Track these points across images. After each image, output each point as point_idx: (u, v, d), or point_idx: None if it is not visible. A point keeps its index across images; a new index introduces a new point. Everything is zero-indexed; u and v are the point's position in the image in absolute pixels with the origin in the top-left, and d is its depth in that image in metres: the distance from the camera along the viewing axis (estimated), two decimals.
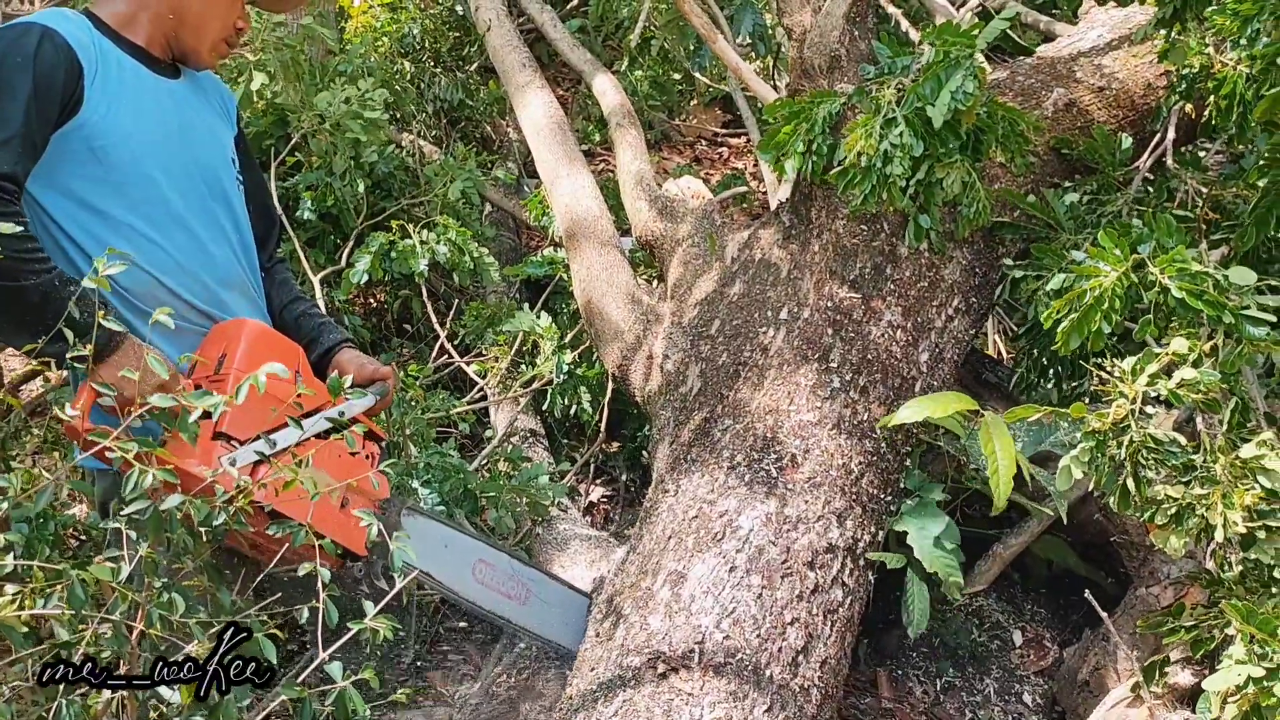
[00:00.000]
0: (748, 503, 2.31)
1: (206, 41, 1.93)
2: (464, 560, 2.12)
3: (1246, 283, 1.77)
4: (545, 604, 2.24)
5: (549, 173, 3.42)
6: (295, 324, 2.17)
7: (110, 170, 1.78)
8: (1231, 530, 1.69)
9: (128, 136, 1.80)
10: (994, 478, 2.02)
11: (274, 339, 1.90)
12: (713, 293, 2.80)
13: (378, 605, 1.30)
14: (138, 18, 1.87)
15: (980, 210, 2.52)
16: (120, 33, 1.86)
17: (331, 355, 2.13)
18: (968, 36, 2.42)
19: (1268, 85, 2.05)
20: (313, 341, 2.14)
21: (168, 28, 1.88)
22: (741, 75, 3.10)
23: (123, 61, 1.84)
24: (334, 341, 2.15)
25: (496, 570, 2.16)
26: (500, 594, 2.15)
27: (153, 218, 1.85)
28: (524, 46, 3.99)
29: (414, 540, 1.97)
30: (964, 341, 2.74)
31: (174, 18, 1.87)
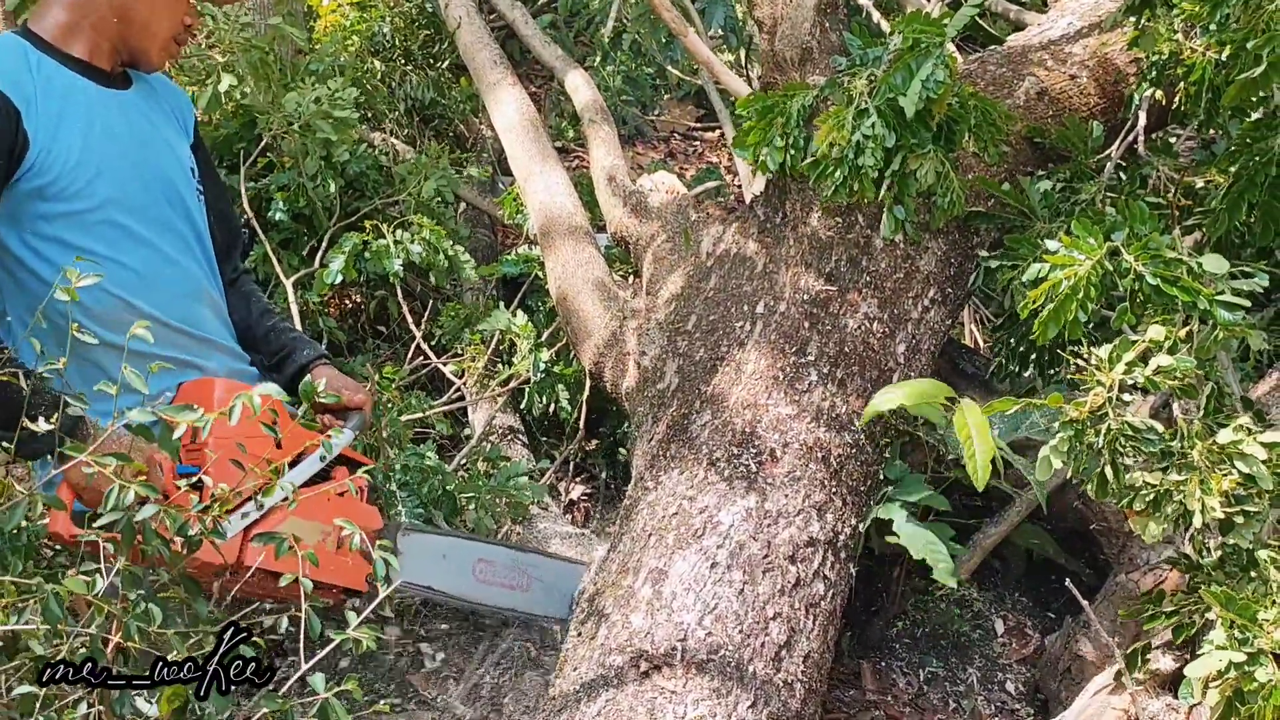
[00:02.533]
0: (728, 498, 2.30)
1: (156, 42, 1.85)
2: (464, 565, 2.12)
3: (1220, 270, 1.77)
4: (547, 585, 2.23)
5: (522, 170, 3.40)
6: (265, 339, 2.11)
7: (62, 200, 1.71)
8: (1210, 516, 1.70)
9: (77, 163, 1.73)
10: (971, 462, 2.01)
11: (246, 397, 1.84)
12: (688, 288, 2.79)
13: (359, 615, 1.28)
14: (79, 26, 1.78)
15: (954, 200, 2.53)
16: (61, 48, 1.77)
17: (307, 371, 2.07)
18: (937, 25, 2.42)
19: (1237, 70, 2.06)
20: (285, 359, 2.09)
21: (112, 32, 1.80)
22: (714, 70, 3.09)
23: (66, 81, 1.76)
24: (308, 359, 2.09)
25: (496, 565, 2.16)
26: (503, 587, 2.15)
27: (111, 239, 1.78)
28: (495, 44, 3.97)
29: (414, 558, 2.00)
30: (940, 332, 2.74)
31: (118, 21, 1.78)
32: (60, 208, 1.70)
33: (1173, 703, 2.03)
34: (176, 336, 1.89)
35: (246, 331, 2.10)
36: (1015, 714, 2.75)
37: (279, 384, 1.97)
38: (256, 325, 2.11)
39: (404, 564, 1.95)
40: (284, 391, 1.95)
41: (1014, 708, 2.77)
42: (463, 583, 2.10)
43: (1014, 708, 2.77)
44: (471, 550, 2.15)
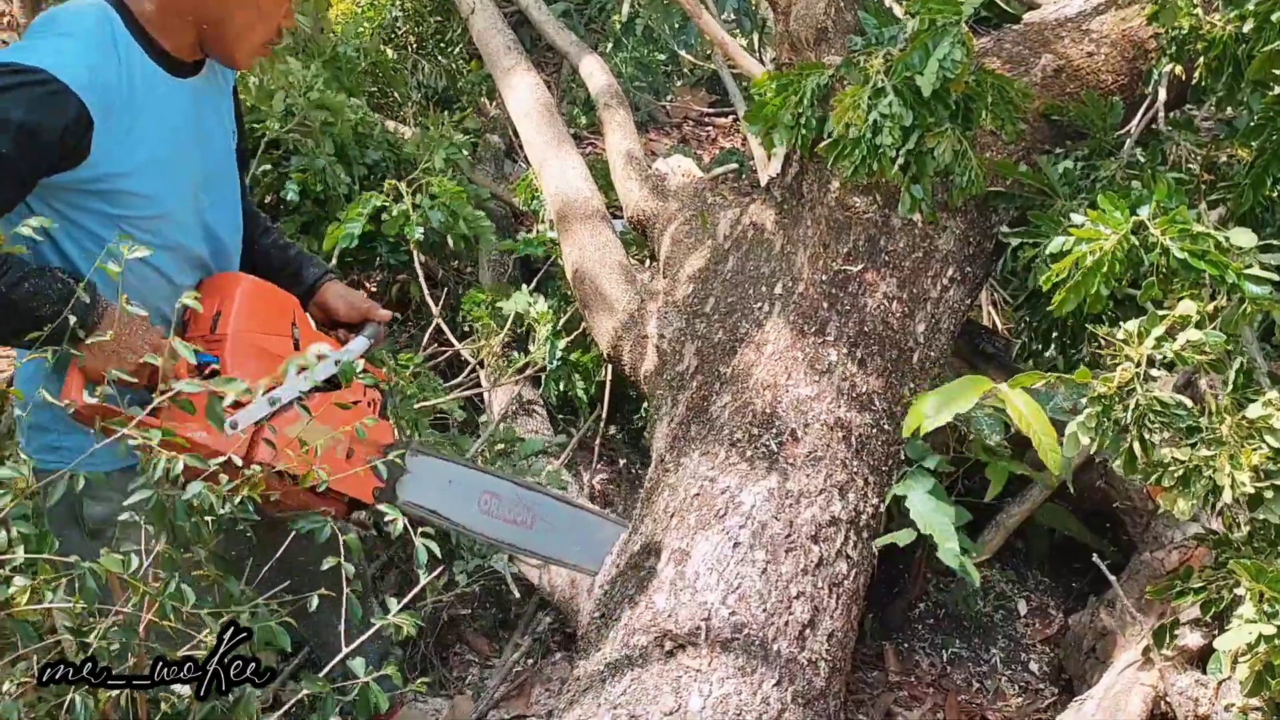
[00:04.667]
0: (749, 479, 2.30)
1: (245, 49, 1.77)
2: (470, 494, 2.08)
3: (1248, 244, 1.76)
4: (552, 527, 2.19)
5: (538, 155, 3.39)
6: (269, 257, 2.05)
7: (112, 204, 1.66)
8: (1239, 490, 1.69)
9: (139, 170, 1.67)
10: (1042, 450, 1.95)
11: (269, 294, 1.81)
12: (706, 270, 2.78)
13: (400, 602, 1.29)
14: (169, 22, 1.70)
15: (973, 179, 2.51)
16: (149, 32, 1.69)
17: (315, 291, 2.02)
18: (953, 4, 2.40)
19: (1260, 44, 2.04)
20: (293, 277, 2.02)
21: (203, 33, 1.72)
22: (728, 50, 3.08)
23: (147, 74, 1.68)
24: (315, 276, 2.04)
25: (503, 500, 2.12)
26: (506, 522, 2.11)
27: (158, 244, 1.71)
28: (508, 29, 3.96)
29: (420, 479, 1.96)
30: (960, 311, 2.72)
31: (209, 26, 1.71)
32: (115, 210, 1.66)
33: (1201, 678, 2.02)
34: None
35: (254, 247, 2.04)
36: (1039, 694, 2.74)
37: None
38: (258, 244, 2.05)
39: (410, 484, 1.93)
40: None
41: (1038, 687, 2.76)
42: (467, 512, 2.06)
43: (1038, 687, 2.76)
44: (479, 481, 2.10)
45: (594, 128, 5.31)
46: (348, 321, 1.99)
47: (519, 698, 2.64)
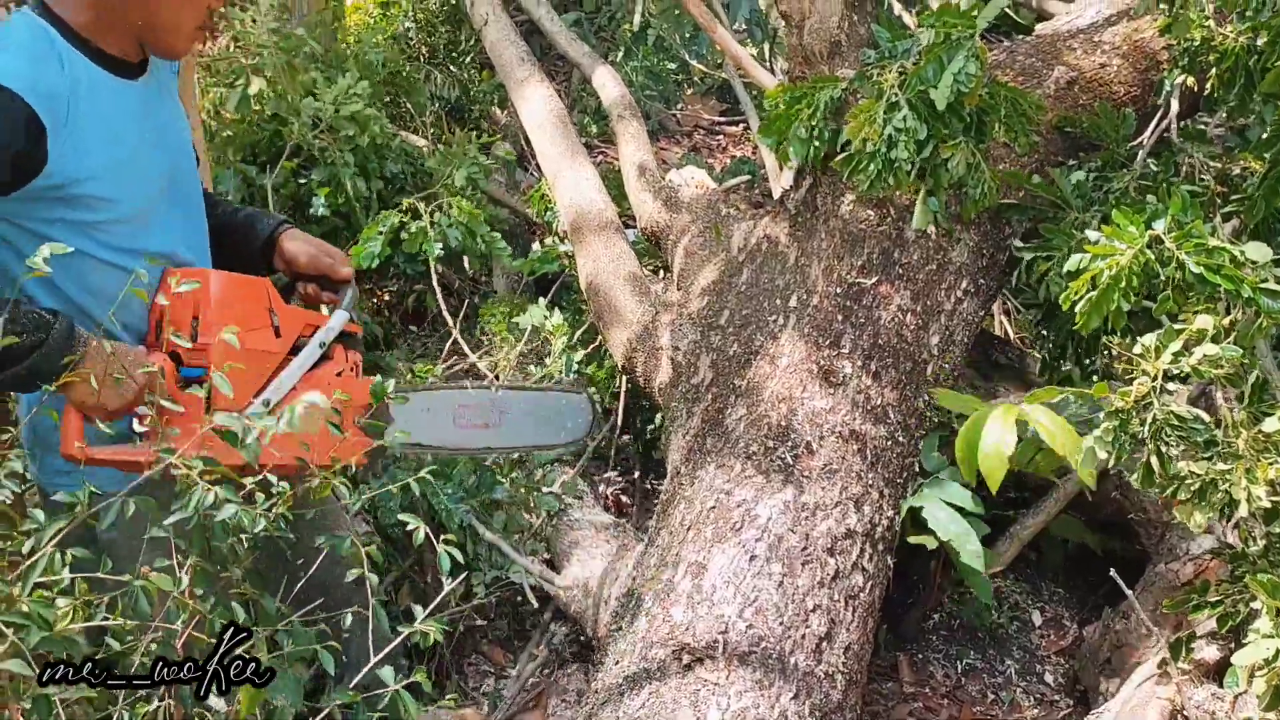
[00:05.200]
0: (765, 492, 2.31)
1: (181, 36, 1.76)
2: (446, 414, 2.14)
3: (1263, 258, 1.76)
4: (519, 416, 2.26)
5: (552, 167, 3.41)
6: (221, 226, 2.00)
7: (79, 210, 1.65)
8: (1255, 504, 1.69)
9: (100, 173, 1.66)
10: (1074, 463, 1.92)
11: (242, 286, 1.77)
12: (720, 282, 2.80)
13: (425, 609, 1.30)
14: (103, 22, 1.69)
15: (986, 191, 2.52)
16: (88, 38, 1.69)
17: (274, 244, 1.98)
18: (967, 18, 2.42)
19: (1274, 57, 2.05)
20: (247, 236, 1.99)
21: (137, 30, 1.72)
22: (742, 63, 3.09)
23: (94, 81, 1.68)
24: (271, 228, 1.99)
25: (473, 407, 2.19)
26: (478, 428, 2.17)
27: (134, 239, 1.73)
28: (521, 40, 3.98)
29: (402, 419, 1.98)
30: (974, 323, 2.73)
31: (143, 24, 1.71)
32: (76, 214, 1.66)
33: (1218, 692, 2.02)
34: None
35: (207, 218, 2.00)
36: (1054, 705, 2.75)
37: (249, 257, 1.97)
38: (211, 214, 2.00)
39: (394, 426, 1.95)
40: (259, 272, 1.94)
41: (1053, 699, 2.77)
42: (445, 432, 2.13)
43: (1053, 699, 2.77)
44: (452, 398, 2.17)
45: (605, 136, 5.33)
46: (309, 273, 1.96)
47: (535, 709, 2.65)
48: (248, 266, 1.96)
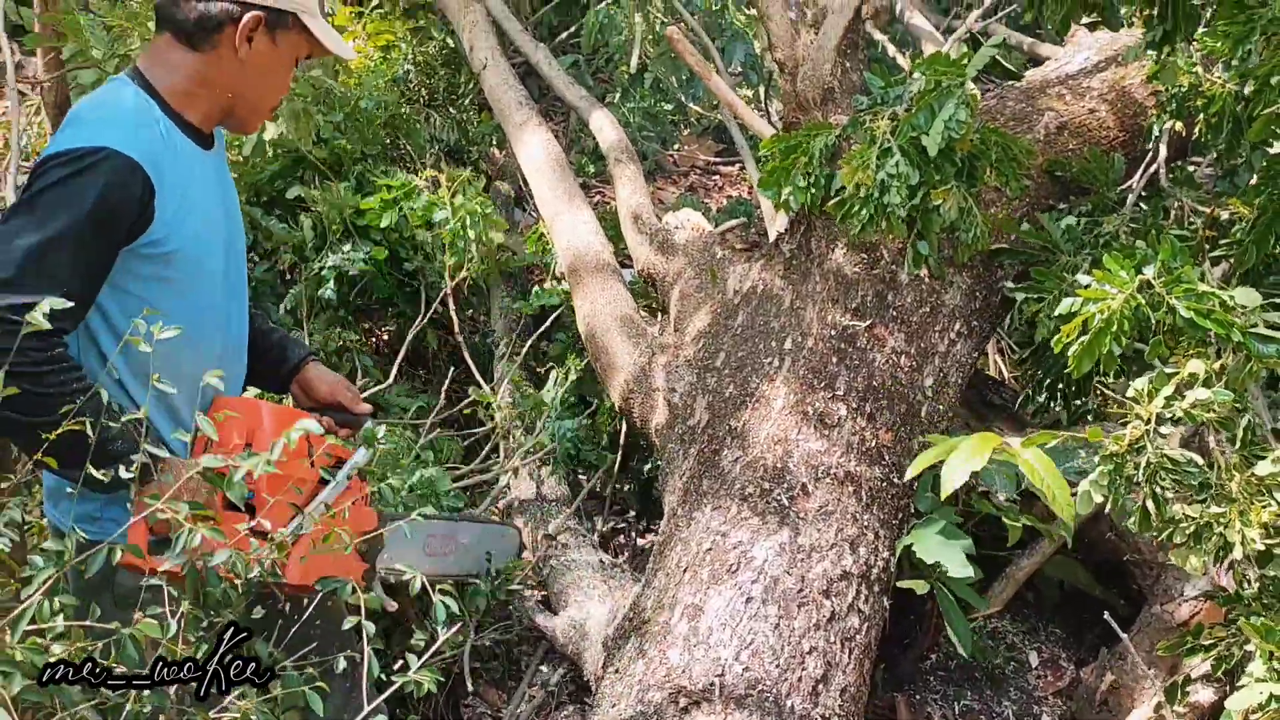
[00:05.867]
0: (761, 533, 2.32)
1: (261, 114, 1.90)
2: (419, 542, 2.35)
3: (1252, 303, 1.79)
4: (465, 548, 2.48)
5: (549, 209, 3.44)
6: (255, 341, 2.09)
7: (170, 269, 1.73)
8: (1249, 547, 1.71)
9: (192, 237, 1.76)
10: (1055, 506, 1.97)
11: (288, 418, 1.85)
12: (716, 325, 2.82)
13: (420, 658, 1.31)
14: (196, 95, 1.79)
15: (978, 235, 2.55)
16: (179, 110, 1.78)
17: (299, 370, 2.09)
18: (958, 66, 2.46)
19: (1261, 105, 2.08)
20: (278, 358, 2.10)
21: (224, 105, 1.82)
22: (737, 111, 3.14)
23: (185, 151, 1.77)
24: (299, 356, 2.11)
25: (438, 538, 2.41)
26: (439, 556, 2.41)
27: (200, 302, 1.81)
28: (519, 85, 4.03)
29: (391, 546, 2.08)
30: (967, 365, 2.75)
31: (233, 97, 1.81)
32: (167, 273, 1.73)
33: None
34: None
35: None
36: None
37: (273, 381, 2.11)
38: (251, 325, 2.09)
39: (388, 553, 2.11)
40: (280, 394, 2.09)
41: None
42: (417, 559, 2.30)
43: None
44: (424, 529, 2.34)
45: (601, 176, 5.37)
46: (326, 403, 2.06)
47: None
48: (270, 385, 2.14)
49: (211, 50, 1.76)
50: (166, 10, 1.76)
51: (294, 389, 2.10)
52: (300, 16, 1.79)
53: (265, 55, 1.78)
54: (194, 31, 1.74)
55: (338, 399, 2.06)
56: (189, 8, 1.74)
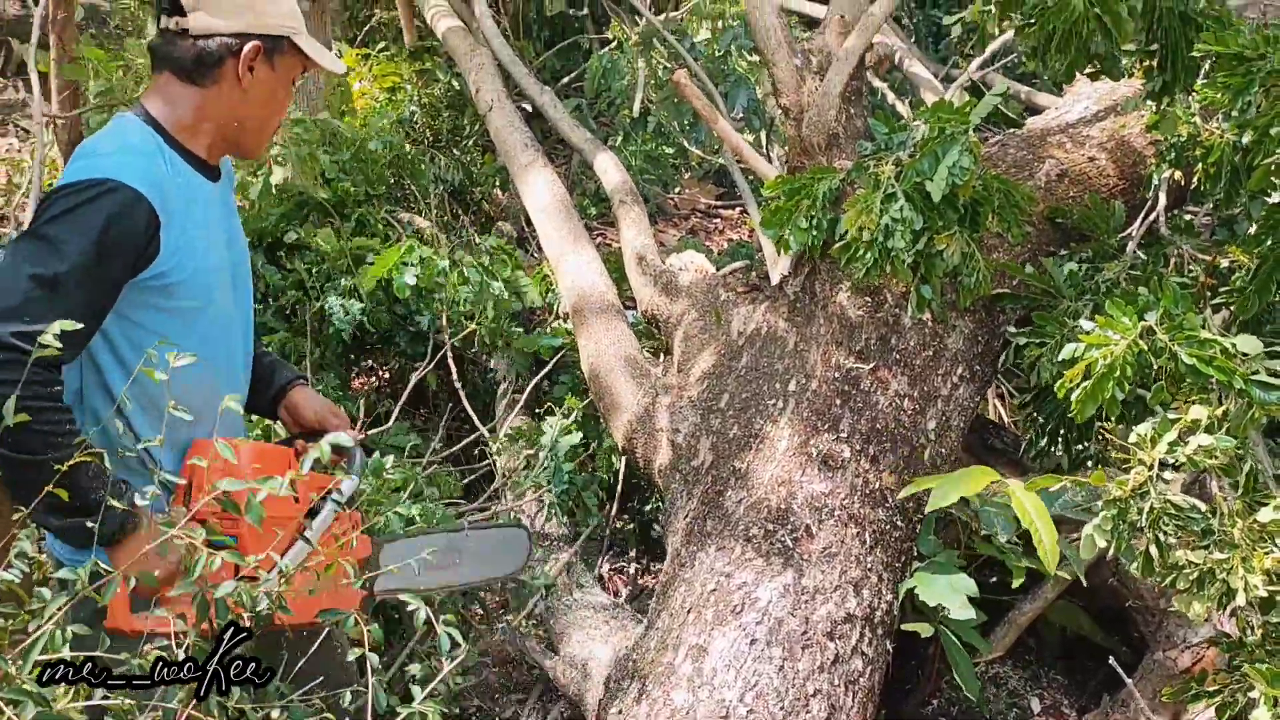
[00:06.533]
0: (765, 575, 2.32)
1: (265, 137, 1.93)
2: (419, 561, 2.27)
3: (1254, 351, 1.81)
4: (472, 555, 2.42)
5: (554, 250, 3.47)
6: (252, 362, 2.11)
7: (176, 300, 1.75)
8: (1252, 594, 1.72)
9: (198, 269, 1.78)
10: (1040, 548, 2.01)
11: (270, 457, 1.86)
12: (720, 366, 2.84)
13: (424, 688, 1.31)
14: (200, 128, 1.81)
15: (980, 280, 2.58)
16: (183, 143, 1.81)
17: (284, 394, 2.10)
18: (961, 114, 2.50)
19: (1260, 156, 2.12)
20: (265, 382, 2.11)
21: (230, 133, 1.85)
22: (742, 154, 3.18)
23: (191, 183, 1.80)
24: (286, 380, 2.11)
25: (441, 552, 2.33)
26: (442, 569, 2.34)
27: (208, 335, 1.83)
28: (525, 127, 4.08)
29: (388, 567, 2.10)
30: (969, 409, 2.77)
31: (238, 124, 1.84)
32: (173, 303, 1.75)
33: None
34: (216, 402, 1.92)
35: None
36: None
37: (261, 405, 2.10)
38: None
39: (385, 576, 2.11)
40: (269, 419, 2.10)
41: None
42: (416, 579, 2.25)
43: None
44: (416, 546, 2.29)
45: (603, 218, 5.42)
46: (314, 429, 2.06)
47: None
48: (257, 409, 2.13)
49: (214, 84, 1.79)
50: (163, 50, 1.79)
51: (281, 414, 2.11)
52: (293, 38, 1.84)
53: (266, 81, 1.83)
54: (194, 68, 1.78)
55: (325, 425, 2.06)
56: (186, 46, 1.77)
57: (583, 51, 6.10)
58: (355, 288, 3.48)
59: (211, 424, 1.73)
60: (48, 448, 1.53)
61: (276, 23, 1.81)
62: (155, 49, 1.81)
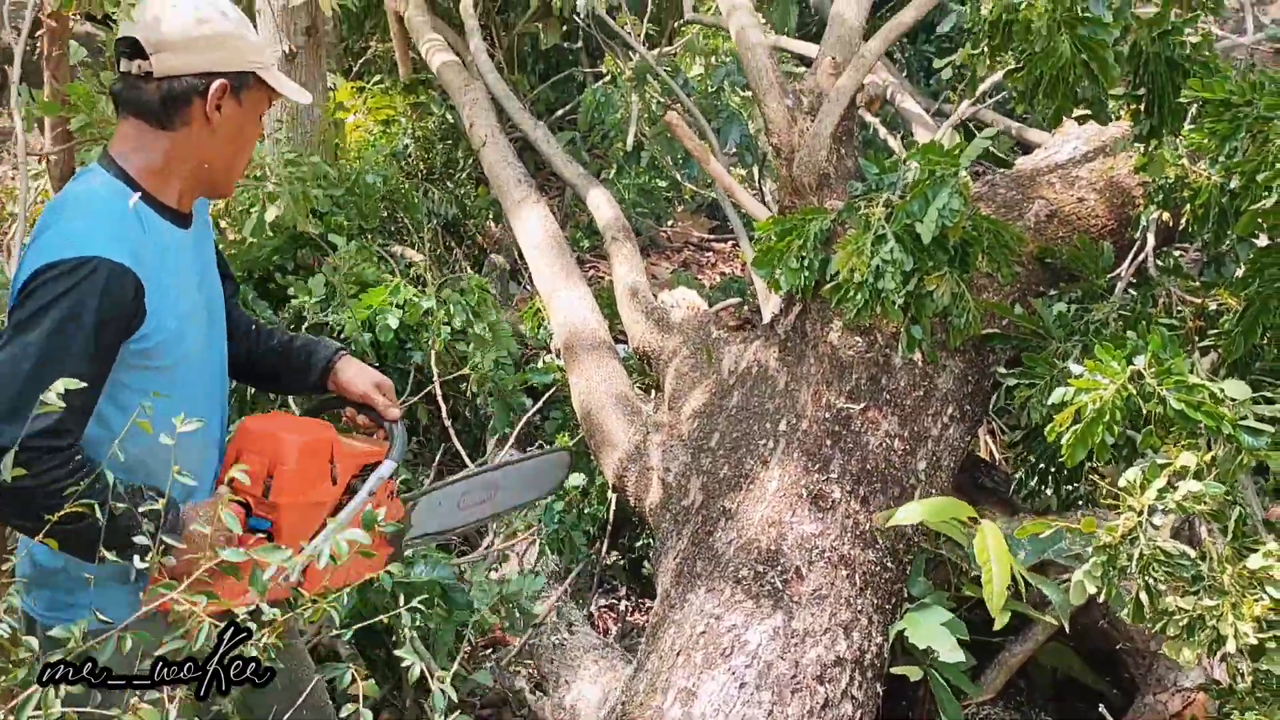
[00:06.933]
0: (754, 617, 2.31)
1: (235, 175, 1.90)
2: (453, 504, 2.38)
3: (1241, 396, 1.82)
4: (507, 487, 2.53)
5: (546, 286, 3.48)
6: (282, 354, 2.12)
7: (155, 355, 1.73)
8: (1242, 641, 1.71)
9: (175, 319, 1.76)
10: (988, 587, 2.02)
11: (315, 447, 1.89)
12: (711, 404, 2.84)
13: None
14: (171, 172, 1.78)
15: (970, 320, 2.59)
16: (153, 194, 1.77)
17: (329, 373, 2.10)
18: (951, 156, 2.52)
19: (1248, 201, 2.13)
20: (308, 362, 2.11)
21: (200, 175, 1.82)
22: (735, 195, 3.19)
23: (164, 235, 1.77)
24: (327, 359, 2.11)
25: (473, 491, 2.45)
26: (478, 506, 2.44)
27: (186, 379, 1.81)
28: (518, 162, 4.09)
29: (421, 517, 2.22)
30: (960, 449, 2.77)
31: (208, 165, 1.81)
32: (152, 361, 1.73)
33: None
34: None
35: (263, 359, 2.12)
36: None
37: (308, 386, 2.13)
38: (267, 346, 2.12)
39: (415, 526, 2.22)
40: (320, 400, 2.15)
41: None
42: (453, 518, 2.39)
43: None
44: (456, 489, 2.40)
45: (595, 251, 5.44)
46: (359, 403, 2.09)
47: None
48: (303, 390, 2.19)
49: (182, 126, 1.75)
50: (127, 95, 1.75)
51: (330, 388, 2.12)
52: (259, 73, 1.81)
53: (234, 118, 1.79)
54: (160, 111, 1.74)
55: (371, 400, 2.08)
56: (150, 89, 1.73)
57: (577, 85, 6.14)
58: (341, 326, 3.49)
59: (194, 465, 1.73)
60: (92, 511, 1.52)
61: (241, 59, 1.78)
62: (118, 94, 1.77)
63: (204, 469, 1.87)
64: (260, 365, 2.12)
